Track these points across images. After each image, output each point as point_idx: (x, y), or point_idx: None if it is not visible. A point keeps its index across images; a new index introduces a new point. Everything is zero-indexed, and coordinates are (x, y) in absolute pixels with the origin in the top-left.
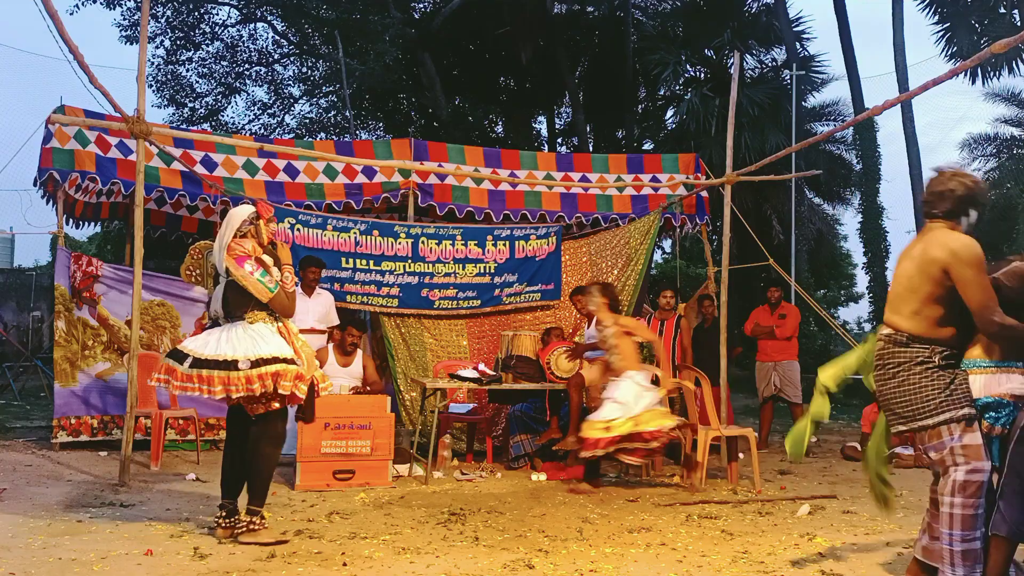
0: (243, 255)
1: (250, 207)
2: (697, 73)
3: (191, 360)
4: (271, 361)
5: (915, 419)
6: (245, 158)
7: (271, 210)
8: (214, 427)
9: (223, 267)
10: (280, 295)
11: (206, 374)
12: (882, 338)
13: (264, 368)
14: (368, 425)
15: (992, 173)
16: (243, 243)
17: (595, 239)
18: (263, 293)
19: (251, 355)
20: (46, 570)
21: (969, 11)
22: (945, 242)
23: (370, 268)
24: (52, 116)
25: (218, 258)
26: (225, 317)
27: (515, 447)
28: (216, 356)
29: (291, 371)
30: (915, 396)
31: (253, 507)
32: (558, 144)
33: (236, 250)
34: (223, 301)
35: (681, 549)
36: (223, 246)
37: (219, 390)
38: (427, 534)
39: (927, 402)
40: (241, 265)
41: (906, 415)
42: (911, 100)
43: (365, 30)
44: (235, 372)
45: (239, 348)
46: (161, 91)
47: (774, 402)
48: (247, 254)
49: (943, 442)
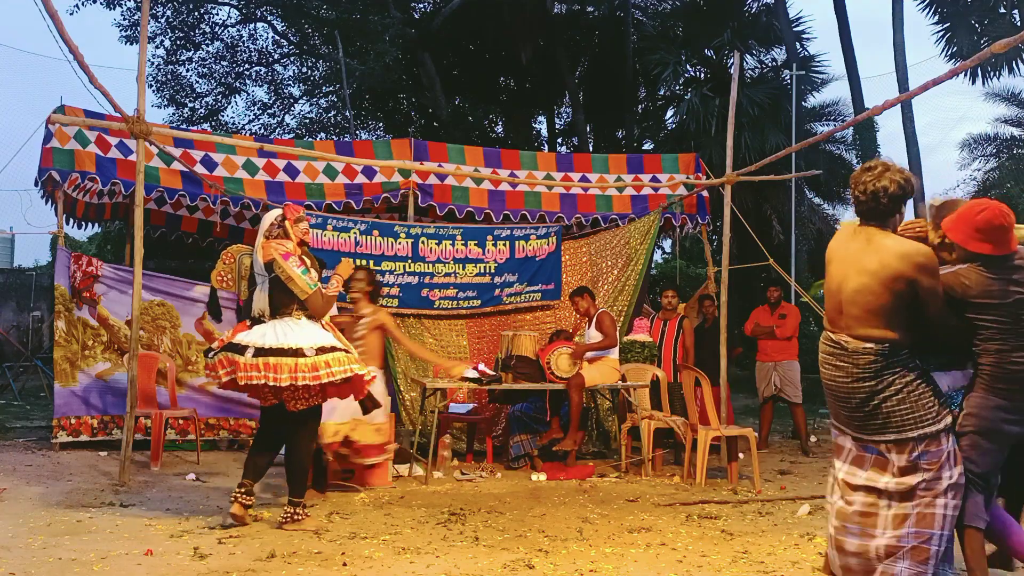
0: (287, 252)
1: (278, 210)
2: (697, 73)
3: (253, 350)
4: (331, 350)
5: (917, 427)
6: (245, 158)
7: (298, 211)
8: (214, 427)
9: (261, 265)
10: (317, 295)
11: (273, 362)
12: (869, 351)
13: (328, 355)
14: None
15: (992, 173)
16: (284, 243)
17: (595, 239)
18: (304, 290)
19: (314, 344)
20: (46, 570)
21: (969, 11)
22: (906, 253)
23: (370, 268)
24: (52, 116)
25: (256, 258)
26: (272, 315)
27: (515, 447)
28: (280, 345)
29: (352, 356)
30: (916, 404)
31: (295, 499)
32: (558, 144)
33: (279, 248)
34: (269, 299)
35: (681, 549)
36: (257, 247)
37: (285, 377)
38: (427, 534)
39: (928, 409)
40: (287, 260)
41: (907, 423)
42: (911, 100)
43: (365, 30)
44: (302, 359)
45: (301, 338)
46: (161, 91)
47: (774, 402)
48: (291, 252)
49: (942, 448)
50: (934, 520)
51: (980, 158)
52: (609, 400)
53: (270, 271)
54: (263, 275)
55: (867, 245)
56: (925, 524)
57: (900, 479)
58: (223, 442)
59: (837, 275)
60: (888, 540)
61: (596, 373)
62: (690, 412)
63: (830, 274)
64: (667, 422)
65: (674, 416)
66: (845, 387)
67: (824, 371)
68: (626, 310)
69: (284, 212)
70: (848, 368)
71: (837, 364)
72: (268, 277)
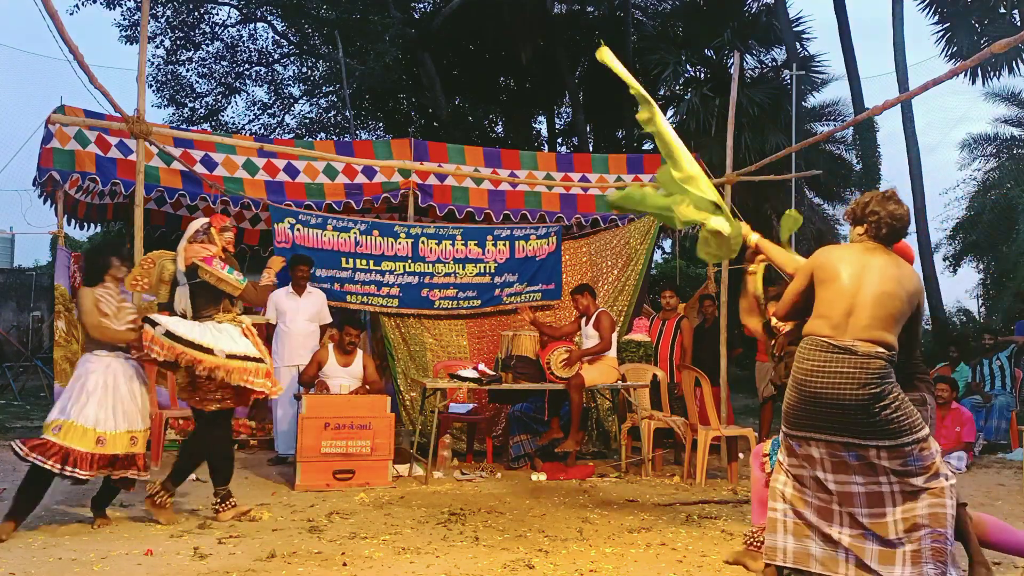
0: (210, 256)
1: (205, 219)
2: (697, 73)
3: (165, 330)
4: (243, 358)
5: (912, 432)
6: (245, 158)
7: (225, 220)
8: None
9: (182, 271)
10: (249, 288)
11: (180, 348)
12: (881, 356)
13: (236, 363)
14: (368, 425)
15: (992, 173)
16: (207, 247)
17: (595, 239)
18: (235, 287)
19: (226, 349)
20: (46, 570)
21: (969, 11)
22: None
23: (370, 268)
24: (52, 116)
25: (179, 262)
26: (194, 317)
27: (515, 447)
28: (191, 339)
29: (262, 368)
30: (908, 411)
31: (221, 489)
32: (558, 144)
33: (202, 252)
34: (191, 302)
35: (681, 549)
36: (179, 252)
37: (186, 361)
38: (427, 534)
39: (916, 416)
40: (210, 264)
41: (903, 429)
42: (911, 100)
43: (365, 30)
44: (210, 356)
45: (216, 341)
46: (161, 91)
47: (774, 402)
48: (214, 255)
49: (931, 452)
50: (945, 520)
51: (980, 158)
52: (609, 400)
53: (192, 276)
54: (183, 282)
55: (890, 259)
56: (938, 523)
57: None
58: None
59: (853, 278)
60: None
61: (596, 373)
62: (690, 412)
63: (839, 277)
64: (667, 422)
65: (674, 416)
66: (847, 394)
67: (814, 381)
68: (626, 310)
69: (211, 220)
70: (855, 373)
71: (839, 370)
72: (190, 282)
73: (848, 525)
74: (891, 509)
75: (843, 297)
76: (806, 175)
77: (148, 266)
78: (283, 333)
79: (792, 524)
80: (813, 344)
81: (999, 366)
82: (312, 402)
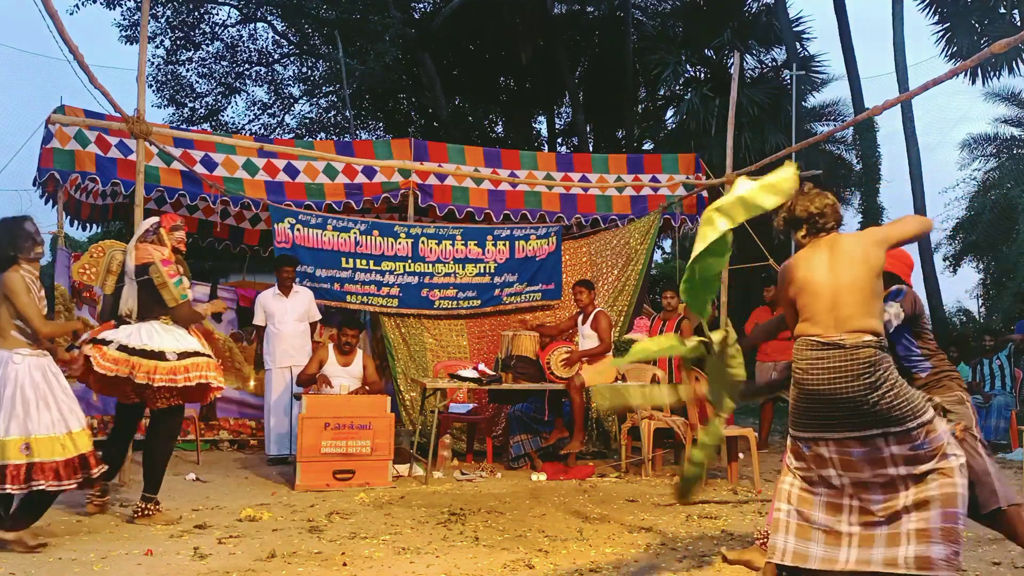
0: (167, 259)
1: (155, 218)
2: (697, 73)
3: (117, 345)
4: (194, 355)
5: (916, 416)
6: (245, 158)
7: (175, 219)
8: (214, 427)
9: (132, 268)
10: (185, 306)
11: (134, 360)
12: (869, 344)
13: (189, 360)
14: (368, 425)
15: (992, 173)
16: (161, 249)
17: (595, 239)
18: (175, 298)
19: (177, 348)
20: (46, 570)
21: (969, 11)
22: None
23: (370, 268)
24: (52, 116)
25: (128, 258)
26: (139, 317)
27: (515, 447)
28: (143, 346)
29: (212, 363)
30: (908, 395)
31: (148, 494)
32: (558, 144)
33: (160, 253)
34: (139, 299)
35: (681, 549)
36: (130, 249)
37: (142, 375)
38: (427, 534)
39: (917, 400)
40: (165, 267)
41: (906, 415)
42: (911, 100)
43: (365, 30)
44: (163, 362)
45: (165, 342)
46: (161, 91)
47: (774, 402)
48: (169, 259)
49: (939, 434)
50: (956, 499)
51: (980, 158)
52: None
53: (141, 274)
54: (132, 278)
55: (846, 243)
56: (949, 504)
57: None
58: (223, 442)
59: (822, 275)
60: (917, 524)
61: (595, 373)
62: (690, 412)
63: (809, 281)
64: (667, 422)
65: (674, 416)
66: (843, 388)
67: (810, 379)
68: (626, 310)
69: (161, 220)
70: (846, 366)
71: (832, 366)
72: (137, 280)
73: (857, 514)
74: (903, 492)
75: (819, 296)
76: (806, 175)
77: (98, 255)
78: (273, 335)
79: (795, 525)
80: (803, 344)
81: (998, 366)
82: (312, 402)
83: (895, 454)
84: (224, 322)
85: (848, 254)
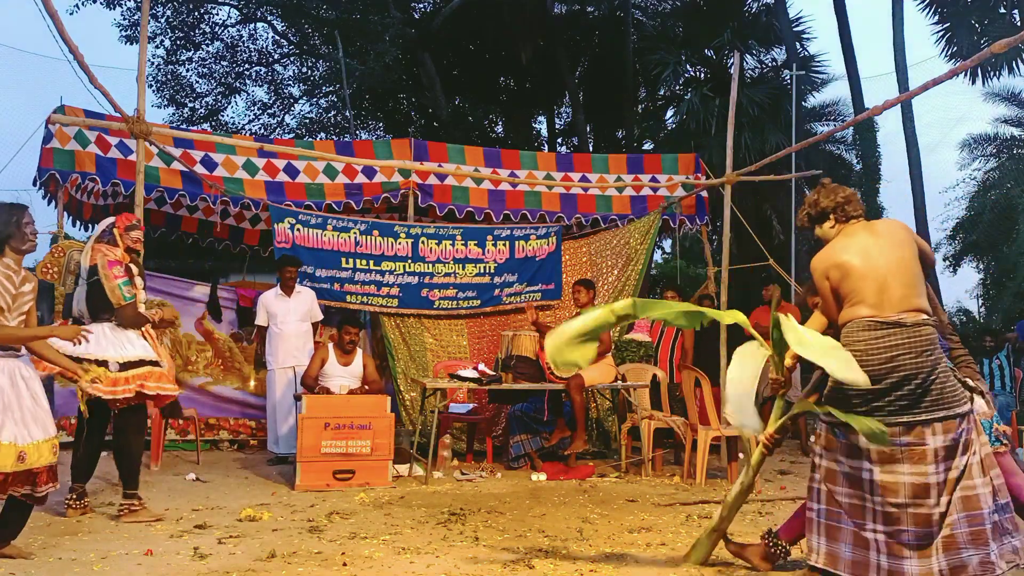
0: (115, 260)
1: (112, 218)
2: (697, 73)
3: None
4: (138, 364)
5: (960, 403)
6: (245, 158)
7: (131, 219)
8: (214, 427)
9: (85, 268)
10: (130, 308)
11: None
12: (927, 323)
13: (132, 371)
14: (368, 425)
15: (992, 173)
16: (113, 250)
17: (595, 239)
18: (118, 300)
19: (120, 357)
20: (46, 570)
21: (969, 11)
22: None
23: (370, 268)
24: (52, 116)
25: (84, 259)
26: (90, 318)
27: (515, 447)
28: (86, 355)
29: (156, 372)
30: (954, 380)
31: (130, 491)
32: (558, 144)
33: (109, 255)
34: (87, 302)
35: (681, 549)
36: (86, 250)
37: (86, 386)
38: (427, 534)
39: (960, 388)
40: (111, 268)
41: (955, 399)
42: (911, 100)
43: (365, 30)
44: (105, 371)
45: (108, 349)
46: (161, 91)
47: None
48: (118, 260)
49: (971, 426)
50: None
51: (980, 158)
52: (609, 400)
53: (92, 275)
54: (84, 278)
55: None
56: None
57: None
58: (223, 442)
59: (867, 260)
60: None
61: (595, 373)
62: (690, 412)
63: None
64: (667, 422)
65: (674, 416)
66: (907, 364)
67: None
68: None
69: (116, 220)
70: (909, 343)
71: (893, 343)
72: (88, 281)
73: (882, 522)
74: (933, 499)
75: (867, 279)
76: (806, 175)
77: (59, 255)
78: (276, 335)
79: (825, 526)
80: (859, 326)
81: (998, 366)
82: (312, 402)
83: (937, 447)
84: (224, 322)
85: (892, 236)
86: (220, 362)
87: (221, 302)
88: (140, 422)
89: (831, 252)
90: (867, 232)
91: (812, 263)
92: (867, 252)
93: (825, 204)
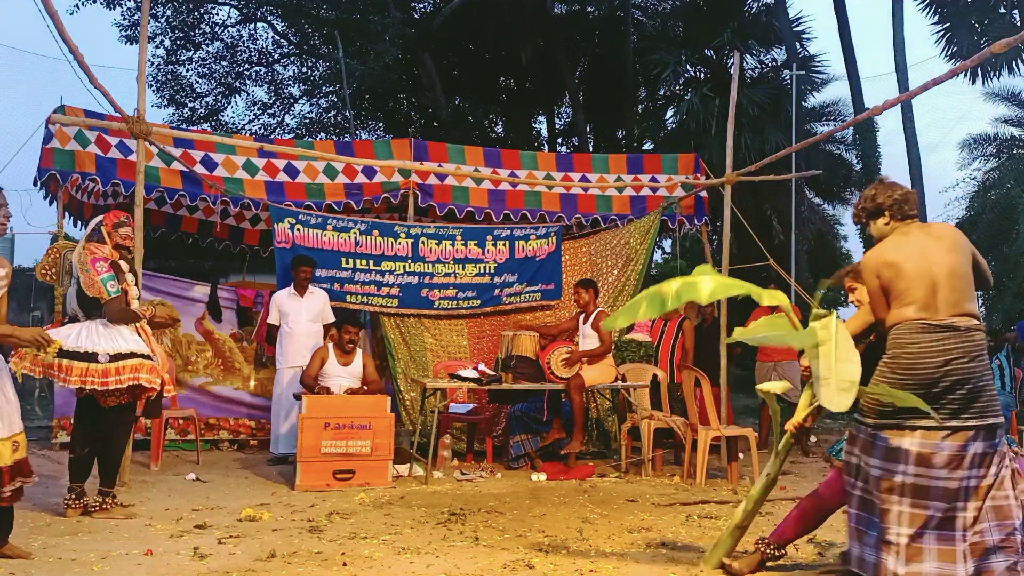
0: (99, 257)
1: (101, 216)
2: (697, 73)
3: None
4: (128, 356)
5: (999, 413)
6: (245, 158)
7: (118, 216)
8: (214, 427)
9: (75, 267)
10: (115, 302)
11: (66, 364)
12: (980, 328)
13: (122, 363)
14: (368, 425)
15: (992, 173)
16: (101, 247)
17: (595, 239)
18: (102, 295)
19: (111, 350)
20: (46, 570)
21: (969, 11)
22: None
23: (370, 268)
24: (52, 116)
25: (75, 258)
26: (84, 315)
27: (515, 447)
28: (77, 348)
29: (147, 365)
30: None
31: (105, 488)
32: (558, 144)
33: (96, 252)
34: (78, 300)
35: (681, 549)
36: (78, 249)
37: (75, 379)
38: (427, 534)
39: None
40: (93, 264)
41: (995, 408)
42: (911, 100)
43: (365, 30)
44: (94, 364)
45: (100, 343)
46: (161, 91)
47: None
48: (104, 256)
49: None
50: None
51: (980, 158)
52: (609, 400)
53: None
54: (74, 276)
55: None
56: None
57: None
58: (223, 442)
59: (919, 261)
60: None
61: (595, 373)
62: (690, 412)
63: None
64: (667, 422)
65: (674, 416)
66: (961, 368)
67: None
68: None
69: (104, 218)
70: (963, 347)
71: (948, 347)
72: (78, 278)
73: (907, 525)
74: (962, 504)
75: (919, 280)
76: (806, 175)
77: (55, 256)
78: (286, 334)
79: (855, 530)
80: (911, 329)
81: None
82: (312, 402)
83: (977, 453)
84: (224, 322)
85: (947, 239)
86: (220, 362)
87: (221, 302)
88: (127, 421)
89: (883, 250)
90: (922, 233)
91: (863, 260)
92: (921, 253)
93: (882, 200)
